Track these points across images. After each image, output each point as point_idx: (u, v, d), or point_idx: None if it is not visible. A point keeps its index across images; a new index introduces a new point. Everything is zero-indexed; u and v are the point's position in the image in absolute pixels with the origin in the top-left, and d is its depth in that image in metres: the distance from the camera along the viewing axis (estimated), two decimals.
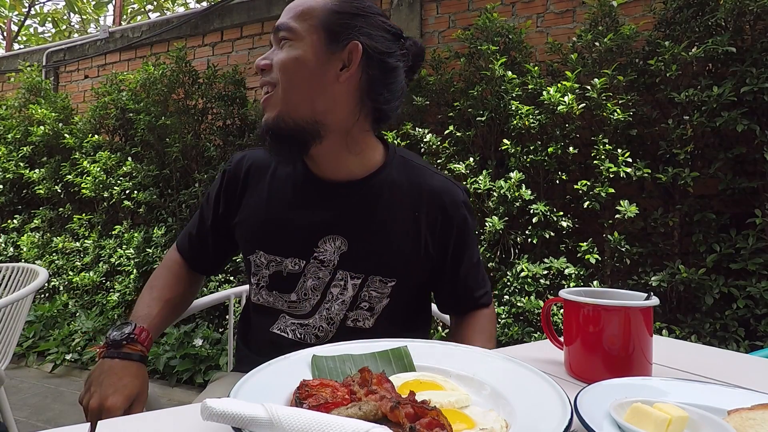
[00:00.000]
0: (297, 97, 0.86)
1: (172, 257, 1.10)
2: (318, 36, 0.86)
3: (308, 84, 0.86)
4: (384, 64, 0.88)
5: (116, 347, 0.88)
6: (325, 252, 0.93)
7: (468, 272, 1.02)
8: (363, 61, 0.86)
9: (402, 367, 0.61)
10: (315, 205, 0.94)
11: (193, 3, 11.66)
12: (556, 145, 2.65)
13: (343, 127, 0.89)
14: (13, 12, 10.95)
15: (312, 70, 0.85)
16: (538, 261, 2.68)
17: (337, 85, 0.86)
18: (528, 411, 0.49)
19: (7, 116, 5.10)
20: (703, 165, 2.42)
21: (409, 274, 0.95)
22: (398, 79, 0.91)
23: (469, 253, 1.01)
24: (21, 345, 3.99)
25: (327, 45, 0.85)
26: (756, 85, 2.19)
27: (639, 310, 0.63)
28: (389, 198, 0.94)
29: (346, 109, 0.88)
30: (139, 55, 4.94)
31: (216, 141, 3.89)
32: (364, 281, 0.93)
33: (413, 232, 0.94)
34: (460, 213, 0.98)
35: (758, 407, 0.49)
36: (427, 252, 0.96)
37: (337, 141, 0.90)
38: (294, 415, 0.41)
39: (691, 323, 2.32)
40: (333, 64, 0.86)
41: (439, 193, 0.96)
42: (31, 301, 2.18)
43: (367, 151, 0.95)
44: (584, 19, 2.85)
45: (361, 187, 0.94)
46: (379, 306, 0.94)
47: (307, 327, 0.95)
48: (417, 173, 0.98)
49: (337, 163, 0.93)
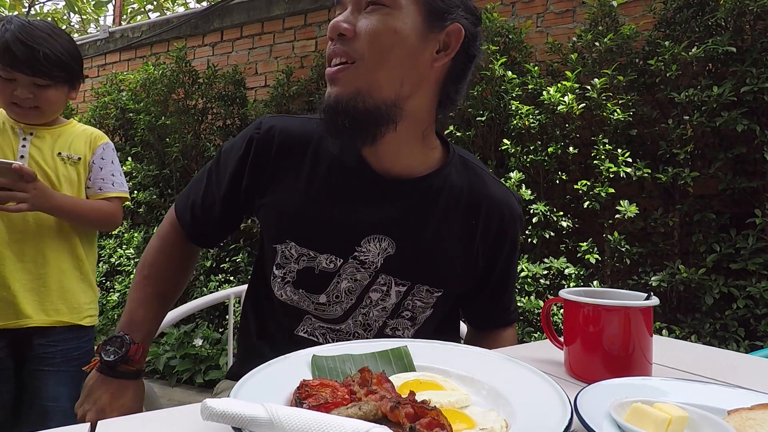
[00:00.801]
0: (386, 75, 0.75)
1: (167, 233, 0.96)
2: (419, 9, 0.75)
3: (402, 63, 0.74)
4: (469, 51, 0.80)
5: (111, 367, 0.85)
6: (367, 252, 0.83)
7: (508, 289, 0.98)
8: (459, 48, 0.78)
9: (402, 367, 0.61)
10: (364, 198, 0.83)
11: (193, 3, 11.66)
12: (556, 145, 2.65)
13: (420, 116, 0.80)
14: (13, 12, 10.95)
15: (410, 47, 0.74)
16: (538, 261, 2.68)
17: (429, 69, 0.77)
18: (528, 411, 0.49)
19: None
20: (703, 165, 2.42)
21: (456, 285, 0.88)
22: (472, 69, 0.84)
23: (514, 270, 0.97)
24: None
25: (428, 22, 0.75)
26: (756, 85, 2.19)
27: (639, 310, 0.63)
28: (447, 201, 0.85)
29: (429, 96, 0.80)
30: (139, 55, 4.94)
31: (216, 141, 3.89)
32: (410, 289, 0.84)
33: (467, 241, 0.87)
34: (515, 229, 0.92)
35: (758, 407, 0.49)
36: (477, 264, 0.89)
37: (408, 131, 0.80)
38: (294, 415, 0.41)
39: (691, 323, 2.32)
40: (430, 45, 0.76)
41: (499, 204, 0.89)
42: None
43: (431, 146, 0.86)
44: (584, 19, 2.85)
45: (419, 186, 0.84)
46: (422, 317, 0.87)
47: (339, 332, 0.86)
48: (478, 178, 0.89)
49: (399, 155, 0.83)
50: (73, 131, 1.48)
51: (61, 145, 1.43)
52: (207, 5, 5.09)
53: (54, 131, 1.45)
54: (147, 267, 0.95)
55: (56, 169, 1.41)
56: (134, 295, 0.92)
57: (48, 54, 1.30)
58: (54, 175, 1.40)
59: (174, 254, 0.97)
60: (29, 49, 1.28)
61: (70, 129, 1.49)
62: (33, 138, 1.40)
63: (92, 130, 1.54)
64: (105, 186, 1.47)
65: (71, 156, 1.44)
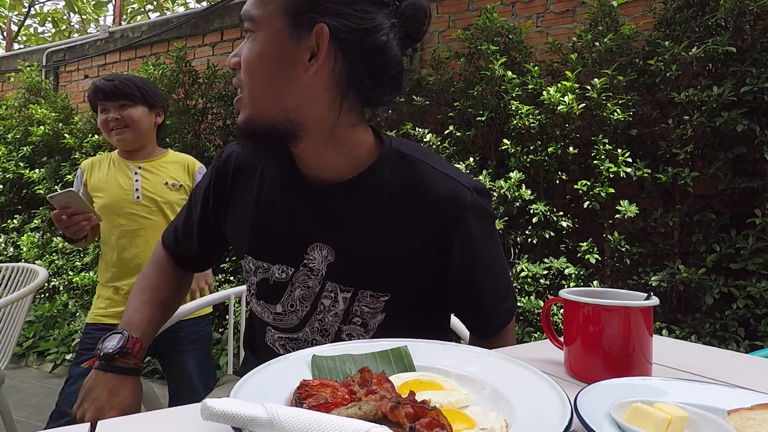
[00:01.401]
0: (263, 97, 0.76)
1: (159, 254, 1.04)
2: (281, 23, 0.73)
3: (273, 81, 0.75)
4: (363, 44, 0.73)
5: (108, 360, 0.85)
6: (314, 260, 0.84)
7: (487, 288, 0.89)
8: (335, 46, 0.73)
9: (402, 367, 0.61)
10: (303, 208, 0.85)
11: (193, 3, 11.66)
12: (556, 145, 2.65)
13: (322, 124, 0.78)
14: (13, 12, 10.95)
15: (276, 64, 0.74)
16: (538, 261, 2.68)
17: (306, 78, 0.74)
18: (528, 411, 0.49)
19: (7, 116, 5.10)
20: (703, 165, 2.42)
21: (405, 288, 0.84)
22: (388, 58, 0.75)
23: (484, 265, 0.87)
24: (21, 345, 3.99)
25: (291, 32, 0.73)
26: (756, 85, 2.19)
27: (639, 310, 0.63)
28: (378, 202, 0.81)
29: (322, 104, 0.76)
30: (139, 55, 4.94)
31: (216, 141, 3.89)
32: (354, 295, 0.83)
33: (406, 239, 0.81)
34: (464, 218, 0.81)
35: (758, 407, 0.49)
36: (425, 263, 0.83)
37: (318, 139, 0.79)
38: (294, 415, 0.41)
39: (691, 323, 2.32)
40: (300, 54, 0.73)
41: (439, 194, 0.81)
42: (31, 301, 2.18)
43: (355, 148, 0.82)
44: (584, 19, 2.85)
45: (347, 191, 0.82)
46: (374, 322, 0.84)
47: (297, 341, 0.87)
48: (415, 170, 0.82)
49: (322, 162, 0.82)
50: (171, 161, 1.85)
51: (165, 175, 1.79)
52: (207, 5, 5.09)
53: (156, 163, 1.81)
54: (143, 280, 1.02)
55: (164, 196, 1.76)
56: (130, 303, 0.97)
57: (122, 82, 1.73)
58: (163, 201, 1.75)
59: (167, 270, 1.03)
60: (109, 82, 1.72)
61: (168, 159, 1.85)
62: (142, 171, 1.77)
63: (185, 157, 1.91)
64: None
65: (175, 184, 1.79)
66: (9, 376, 2.94)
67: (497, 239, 0.91)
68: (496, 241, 0.90)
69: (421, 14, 0.78)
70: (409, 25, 0.77)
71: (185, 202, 1.56)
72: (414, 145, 0.89)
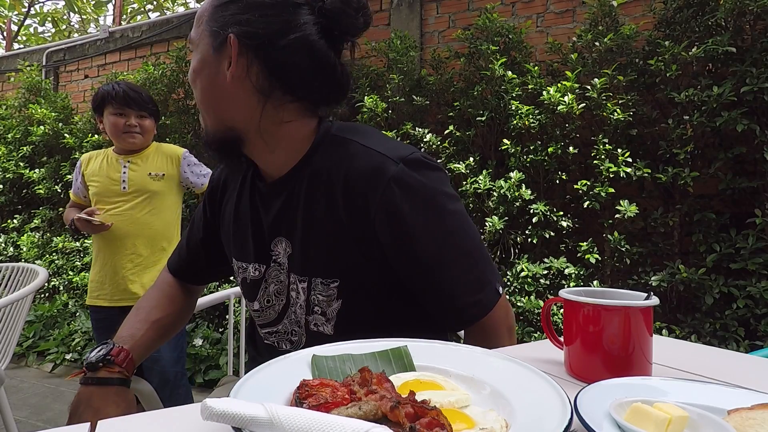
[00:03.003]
0: (204, 109, 0.85)
1: (163, 278, 1.08)
2: (207, 40, 0.81)
3: (207, 93, 0.83)
4: (273, 45, 0.77)
5: (93, 370, 0.84)
6: (279, 254, 0.88)
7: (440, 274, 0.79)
8: (247, 53, 0.77)
9: (402, 366, 0.61)
10: (262, 206, 0.90)
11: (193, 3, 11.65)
12: (556, 145, 2.65)
13: (252, 126, 0.82)
14: (13, 12, 10.95)
15: (207, 78, 0.81)
16: (538, 261, 2.68)
17: (229, 86, 0.80)
18: (528, 411, 0.49)
19: (7, 116, 5.10)
20: (703, 165, 2.42)
21: (352, 272, 0.81)
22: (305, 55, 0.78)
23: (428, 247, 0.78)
24: (21, 345, 3.99)
25: (214, 47, 0.80)
26: (756, 85, 2.19)
27: (639, 310, 0.63)
28: (310, 187, 0.83)
29: (246, 107, 0.81)
30: (139, 54, 4.94)
31: None
32: (309, 284, 0.84)
33: (342, 223, 0.80)
34: (387, 194, 0.76)
35: (758, 407, 0.49)
36: (361, 247, 0.80)
37: (255, 140, 0.84)
38: (294, 415, 0.41)
39: (691, 323, 2.32)
40: (221, 65, 0.79)
41: (361, 171, 0.78)
42: (31, 301, 2.18)
43: (291, 141, 0.84)
44: (584, 19, 2.85)
45: (286, 182, 0.86)
46: (331, 310, 0.83)
47: (278, 334, 0.90)
48: (342, 150, 0.81)
49: (267, 161, 0.87)
50: (155, 153, 2.08)
51: (149, 167, 2.04)
52: None
53: (142, 156, 2.06)
54: (142, 300, 1.04)
55: (148, 186, 2.02)
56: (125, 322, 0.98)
57: (146, 95, 2.04)
58: (146, 190, 2.02)
59: (168, 291, 1.06)
60: (137, 93, 2.00)
61: (153, 151, 2.08)
62: (130, 165, 2.03)
63: (167, 146, 2.14)
64: (204, 180, 2.07)
65: (158, 174, 2.04)
66: (9, 376, 2.94)
67: (448, 219, 0.80)
68: (445, 220, 0.80)
69: (349, 8, 0.79)
70: (337, 20, 0.79)
71: (168, 189, 2.05)
72: (354, 126, 0.88)
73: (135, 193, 2.01)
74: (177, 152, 2.10)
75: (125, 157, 2.04)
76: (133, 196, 2.01)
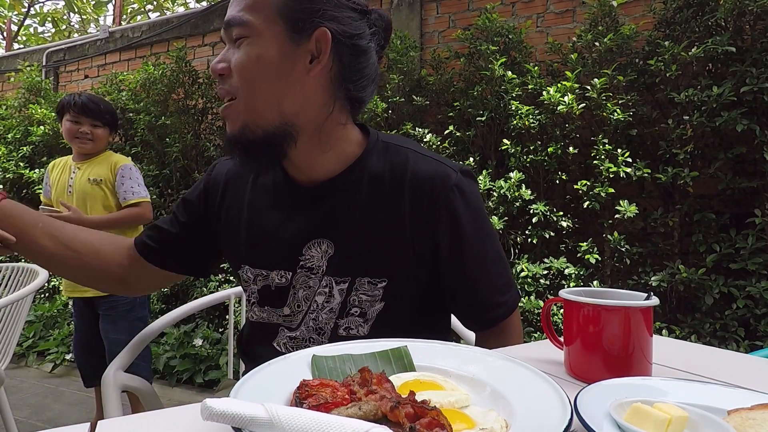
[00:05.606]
0: (262, 102, 0.77)
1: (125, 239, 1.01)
2: (279, 27, 0.76)
3: (274, 85, 0.77)
4: (355, 47, 0.80)
5: None
6: (312, 258, 0.86)
7: (479, 277, 0.86)
8: (333, 49, 0.78)
9: (402, 367, 0.61)
10: (296, 210, 0.87)
11: (193, 3, 11.66)
12: (556, 145, 2.65)
13: (315, 124, 0.81)
14: (13, 12, 10.96)
15: (277, 68, 0.76)
16: (538, 261, 2.68)
17: (307, 80, 0.78)
18: (528, 411, 0.49)
19: (7, 116, 5.10)
20: (703, 165, 2.42)
21: (401, 273, 0.84)
22: (371, 62, 0.83)
23: (474, 250, 0.85)
24: (21, 345, 3.99)
25: (291, 36, 0.76)
26: (756, 85, 2.20)
27: (639, 310, 0.63)
28: (369, 190, 0.84)
29: (318, 104, 0.80)
30: (139, 55, 4.94)
31: (216, 141, 3.89)
32: (351, 285, 0.84)
33: (396, 223, 0.83)
34: (450, 198, 0.83)
35: (758, 407, 0.49)
36: (417, 248, 0.84)
37: (310, 140, 0.82)
38: (294, 415, 0.41)
39: (691, 323, 2.32)
40: (301, 57, 0.77)
41: (425, 176, 0.83)
42: (31, 301, 2.19)
43: (343, 144, 0.86)
44: (584, 19, 2.85)
45: (339, 183, 0.85)
46: (372, 311, 0.84)
47: (296, 340, 0.89)
48: (400, 157, 0.86)
49: (313, 162, 0.85)
50: (101, 160, 2.25)
51: (90, 172, 2.22)
52: (207, 5, 5.09)
53: (89, 163, 2.24)
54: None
55: (85, 190, 2.21)
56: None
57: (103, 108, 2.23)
58: (82, 193, 2.21)
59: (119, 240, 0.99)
60: (95, 105, 2.20)
61: (100, 159, 2.26)
62: (78, 170, 2.24)
63: (116, 156, 2.30)
64: (127, 196, 2.22)
65: (96, 179, 2.21)
66: (9, 376, 2.94)
67: (488, 226, 0.89)
68: (487, 227, 0.89)
69: (388, 26, 0.87)
70: (380, 35, 0.86)
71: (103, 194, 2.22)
72: (399, 136, 0.93)
73: (76, 195, 2.21)
74: (119, 162, 2.25)
75: (76, 163, 2.25)
76: (76, 198, 2.20)
